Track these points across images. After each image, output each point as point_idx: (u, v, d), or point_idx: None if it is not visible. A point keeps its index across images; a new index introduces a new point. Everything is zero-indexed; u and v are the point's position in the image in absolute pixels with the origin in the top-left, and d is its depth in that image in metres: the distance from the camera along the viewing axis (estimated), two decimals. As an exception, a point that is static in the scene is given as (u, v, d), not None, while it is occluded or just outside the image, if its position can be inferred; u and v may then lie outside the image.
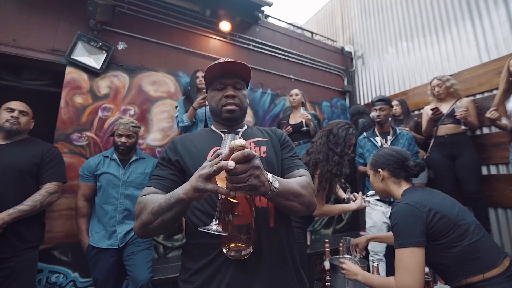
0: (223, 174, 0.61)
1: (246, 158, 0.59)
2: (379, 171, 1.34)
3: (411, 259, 1.00)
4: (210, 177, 0.61)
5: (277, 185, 0.70)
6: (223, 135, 0.89)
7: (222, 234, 0.65)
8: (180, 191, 0.67)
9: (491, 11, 2.84)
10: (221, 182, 0.63)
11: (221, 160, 0.60)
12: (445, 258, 1.03)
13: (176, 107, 2.58)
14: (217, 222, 0.66)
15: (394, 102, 3.19)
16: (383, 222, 2.32)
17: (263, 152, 0.92)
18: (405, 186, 1.27)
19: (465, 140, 2.57)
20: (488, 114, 2.29)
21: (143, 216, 0.74)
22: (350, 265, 1.30)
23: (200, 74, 2.59)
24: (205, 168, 0.62)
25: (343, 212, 1.83)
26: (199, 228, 0.66)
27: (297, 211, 0.79)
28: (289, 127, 2.97)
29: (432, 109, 2.61)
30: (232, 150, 0.61)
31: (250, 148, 0.85)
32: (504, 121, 2.27)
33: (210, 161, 0.63)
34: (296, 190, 0.77)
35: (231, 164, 0.58)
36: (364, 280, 1.19)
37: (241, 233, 0.67)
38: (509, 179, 2.52)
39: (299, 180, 0.84)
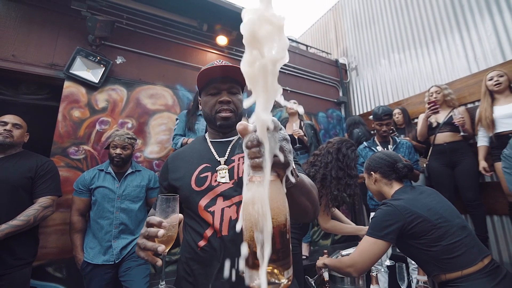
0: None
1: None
2: (372, 174, 1.42)
3: (370, 247, 1.13)
4: (142, 247, 0.65)
5: (297, 173, 0.61)
6: (164, 198, 0.72)
7: None
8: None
9: (477, 23, 2.96)
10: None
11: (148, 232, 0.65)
12: (425, 255, 1.11)
13: (176, 119, 2.57)
14: (163, 283, 0.68)
15: (396, 111, 3.24)
16: None
17: None
18: (396, 186, 1.34)
19: (464, 148, 2.61)
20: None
21: None
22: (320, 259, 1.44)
23: None
24: (140, 235, 0.67)
25: (354, 234, 1.83)
26: None
27: (307, 212, 0.69)
28: None
29: (428, 103, 2.65)
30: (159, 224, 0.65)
31: (238, 165, 0.84)
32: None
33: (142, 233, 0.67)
34: (308, 184, 0.70)
35: (160, 233, 0.63)
36: (331, 263, 1.33)
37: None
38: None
39: (305, 177, 0.76)
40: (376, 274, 1.55)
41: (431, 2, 3.42)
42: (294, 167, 0.58)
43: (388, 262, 1.75)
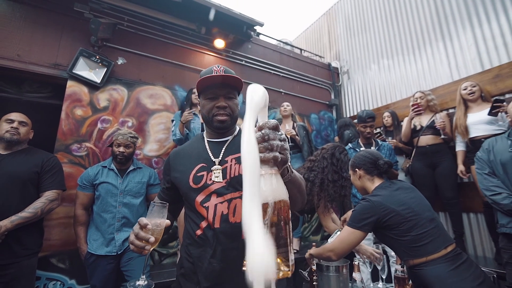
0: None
1: (275, 128, 0.61)
2: (356, 171, 1.56)
3: (349, 235, 1.30)
4: (132, 242, 0.79)
5: (292, 169, 0.73)
6: (155, 204, 0.85)
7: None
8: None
9: (460, 34, 3.16)
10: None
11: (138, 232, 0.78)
12: (397, 243, 1.29)
13: (172, 120, 2.71)
14: (143, 276, 0.82)
15: (386, 114, 3.43)
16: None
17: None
18: (377, 182, 1.49)
19: (444, 150, 2.80)
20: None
21: None
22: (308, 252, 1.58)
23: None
24: (132, 232, 0.80)
25: None
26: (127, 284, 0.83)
27: (297, 203, 0.80)
28: None
29: (412, 105, 2.85)
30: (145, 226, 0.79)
31: (231, 165, 0.95)
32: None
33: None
34: (299, 178, 0.81)
35: (151, 240, 0.77)
36: (315, 252, 1.50)
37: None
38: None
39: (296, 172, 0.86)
40: (358, 263, 1.72)
41: (419, 13, 3.62)
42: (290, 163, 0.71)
43: (380, 285, 1.88)
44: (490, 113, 2.27)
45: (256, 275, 0.41)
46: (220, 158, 0.97)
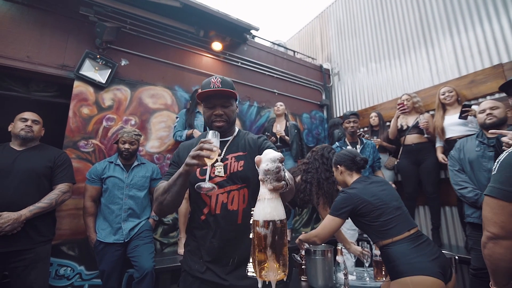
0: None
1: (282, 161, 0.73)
2: (338, 167, 1.79)
3: (330, 222, 1.54)
4: (195, 156, 0.88)
5: (291, 182, 0.91)
6: (209, 131, 1.01)
7: (210, 189, 0.91)
8: (180, 168, 0.97)
9: (440, 41, 3.42)
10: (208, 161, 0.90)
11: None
12: (370, 228, 1.52)
13: (176, 117, 2.89)
14: (209, 181, 0.94)
15: (373, 114, 3.67)
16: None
17: (240, 166, 1.10)
18: (355, 176, 1.73)
19: (428, 148, 3.04)
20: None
21: (157, 197, 1.03)
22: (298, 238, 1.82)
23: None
24: (192, 150, 0.91)
25: (340, 241, 2.10)
26: (195, 186, 0.94)
27: (286, 199, 0.93)
28: (273, 138, 3.38)
29: (398, 104, 3.11)
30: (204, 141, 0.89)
31: (231, 163, 1.12)
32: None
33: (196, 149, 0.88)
34: (293, 183, 0.98)
35: (208, 142, 0.88)
36: (303, 237, 1.73)
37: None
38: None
39: (290, 176, 0.98)
40: (341, 248, 1.96)
41: (404, 21, 3.87)
42: (287, 176, 0.82)
43: (361, 269, 2.10)
44: (460, 117, 2.53)
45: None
46: (222, 156, 1.17)
